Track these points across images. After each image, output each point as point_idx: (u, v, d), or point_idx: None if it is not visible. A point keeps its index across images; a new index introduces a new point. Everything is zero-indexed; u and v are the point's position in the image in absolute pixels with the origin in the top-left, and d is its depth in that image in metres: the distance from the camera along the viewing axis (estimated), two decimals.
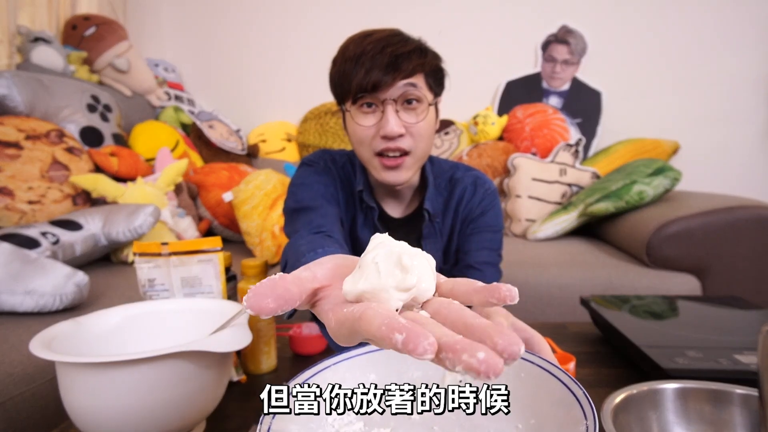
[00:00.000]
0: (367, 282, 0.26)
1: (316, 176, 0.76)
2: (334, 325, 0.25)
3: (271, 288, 0.24)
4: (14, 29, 1.62)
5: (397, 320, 0.21)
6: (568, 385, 0.34)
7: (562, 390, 0.34)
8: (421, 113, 0.68)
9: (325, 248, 0.52)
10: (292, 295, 0.25)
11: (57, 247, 1.08)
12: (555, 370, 0.36)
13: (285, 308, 0.25)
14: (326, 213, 0.69)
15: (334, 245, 0.55)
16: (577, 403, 0.32)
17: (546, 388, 0.36)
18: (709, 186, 1.89)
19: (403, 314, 0.24)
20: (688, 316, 0.77)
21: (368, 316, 0.22)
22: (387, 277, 0.25)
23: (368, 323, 0.21)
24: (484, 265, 0.76)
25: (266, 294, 0.24)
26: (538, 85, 2.14)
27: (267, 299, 0.24)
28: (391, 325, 0.20)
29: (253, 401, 0.59)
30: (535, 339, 0.42)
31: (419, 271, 0.26)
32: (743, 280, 1.29)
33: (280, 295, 0.24)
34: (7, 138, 1.25)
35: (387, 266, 0.26)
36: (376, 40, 0.65)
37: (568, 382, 0.34)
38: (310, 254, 0.51)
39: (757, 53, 1.98)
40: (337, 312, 0.25)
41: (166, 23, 2.40)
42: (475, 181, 0.80)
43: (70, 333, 0.51)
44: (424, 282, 0.26)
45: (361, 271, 0.26)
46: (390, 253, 0.27)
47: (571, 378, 0.34)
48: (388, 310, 0.23)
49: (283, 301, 0.24)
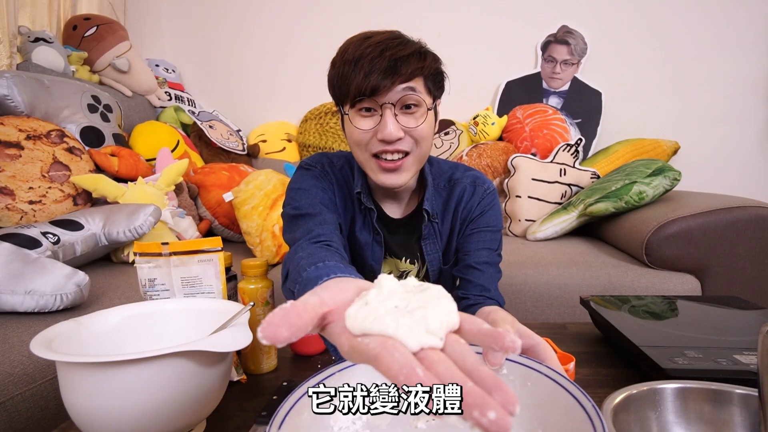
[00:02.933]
0: (381, 324, 0.26)
1: (313, 180, 0.76)
2: (348, 350, 0.26)
3: (283, 317, 0.26)
4: (15, 29, 1.63)
5: (414, 371, 0.22)
6: (576, 396, 0.33)
7: (569, 400, 0.33)
8: (419, 117, 0.68)
9: (325, 262, 0.52)
10: (304, 321, 0.27)
11: (57, 247, 1.08)
12: (563, 381, 0.35)
13: (298, 335, 0.26)
14: (325, 220, 0.69)
15: (335, 257, 0.55)
16: (586, 415, 0.31)
17: (553, 397, 0.35)
18: (709, 186, 1.89)
19: (420, 354, 0.25)
20: (688, 316, 0.77)
21: (386, 359, 0.23)
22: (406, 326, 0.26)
23: (386, 367, 0.23)
24: (483, 265, 0.76)
25: (280, 324, 0.25)
26: (538, 85, 2.14)
27: (281, 328, 0.25)
28: (409, 376, 0.22)
29: (253, 401, 0.59)
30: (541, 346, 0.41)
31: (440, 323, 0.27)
32: (743, 280, 1.29)
33: (292, 323, 0.26)
34: (7, 138, 1.25)
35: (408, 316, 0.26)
36: (375, 43, 0.64)
37: (576, 393, 0.34)
38: (311, 268, 0.51)
39: (757, 53, 1.99)
40: (351, 339, 0.27)
41: (166, 23, 2.40)
42: (474, 182, 0.80)
43: (70, 333, 0.51)
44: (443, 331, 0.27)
45: (370, 308, 0.27)
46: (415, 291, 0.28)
47: (579, 389, 0.34)
48: (405, 354, 0.24)
49: (296, 328, 0.26)
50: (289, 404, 0.34)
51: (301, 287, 0.50)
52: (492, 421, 0.20)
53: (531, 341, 0.41)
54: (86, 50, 1.83)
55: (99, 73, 1.89)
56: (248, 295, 0.67)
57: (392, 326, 0.25)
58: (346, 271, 0.48)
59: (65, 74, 1.69)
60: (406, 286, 0.30)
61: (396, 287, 0.29)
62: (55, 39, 1.70)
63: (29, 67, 1.60)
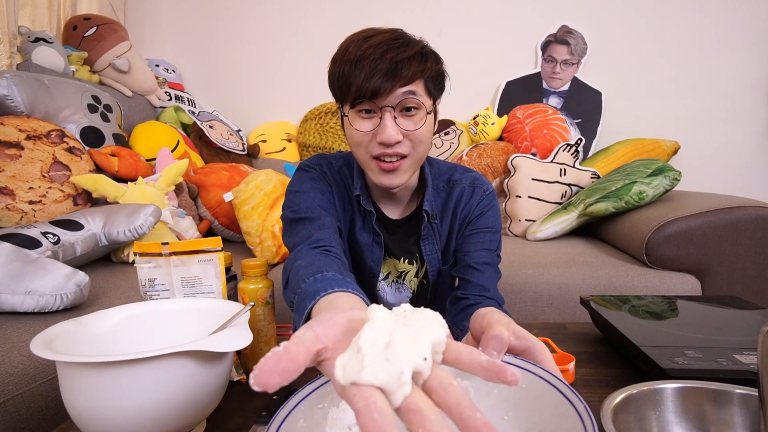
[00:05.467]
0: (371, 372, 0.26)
1: (312, 183, 0.76)
2: (339, 391, 0.26)
3: (275, 363, 0.25)
4: (15, 29, 1.63)
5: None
6: (569, 397, 0.33)
7: (562, 402, 0.34)
8: (419, 120, 0.68)
9: (323, 273, 0.53)
10: (297, 365, 0.26)
11: (58, 247, 1.08)
12: (556, 382, 0.36)
13: (291, 379, 0.26)
14: (324, 224, 0.69)
15: (334, 267, 0.56)
16: (578, 416, 0.32)
17: (547, 399, 0.35)
18: (709, 186, 1.89)
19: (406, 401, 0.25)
20: (688, 316, 0.77)
21: (365, 419, 0.23)
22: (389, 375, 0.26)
23: (363, 425, 0.23)
24: (483, 265, 0.76)
25: (272, 371, 0.25)
26: (538, 85, 2.14)
27: (273, 375, 0.25)
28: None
29: (253, 401, 0.59)
30: (537, 348, 0.41)
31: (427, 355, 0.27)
32: (743, 280, 1.29)
33: (284, 369, 0.25)
34: (7, 138, 1.25)
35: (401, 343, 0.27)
36: (376, 44, 0.64)
37: (568, 394, 0.34)
38: (310, 280, 0.53)
39: (757, 53, 1.99)
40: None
41: (166, 23, 2.40)
42: (473, 183, 0.80)
43: (70, 333, 0.51)
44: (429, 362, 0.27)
45: (361, 356, 0.26)
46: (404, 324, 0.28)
47: (572, 390, 0.34)
48: (386, 412, 0.24)
49: (288, 374, 0.25)
50: (286, 411, 0.34)
51: (300, 299, 0.52)
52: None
53: (527, 343, 0.41)
54: (86, 50, 1.83)
55: (99, 73, 1.89)
56: (248, 295, 0.67)
57: (379, 377, 0.25)
58: (343, 284, 0.50)
59: (65, 74, 1.69)
60: (397, 317, 0.30)
61: (387, 320, 0.29)
62: (55, 39, 1.70)
63: (29, 67, 1.60)
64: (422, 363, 0.26)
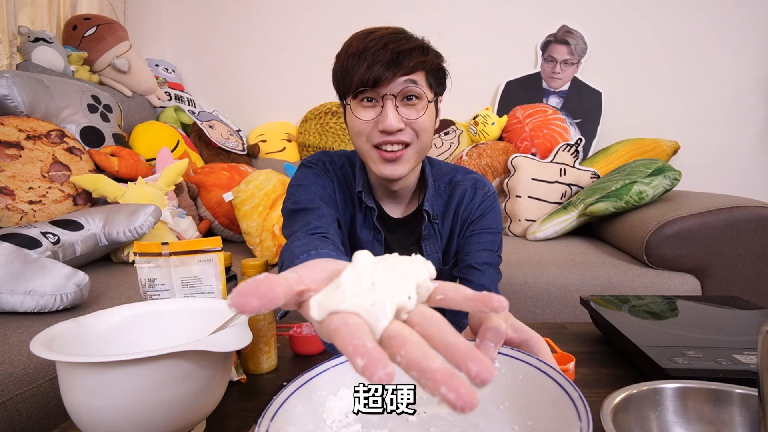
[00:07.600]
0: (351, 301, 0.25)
1: (314, 177, 0.76)
2: (317, 328, 0.26)
3: (255, 287, 0.25)
4: (14, 29, 1.63)
5: (363, 344, 0.22)
6: (563, 385, 0.34)
7: (557, 391, 0.34)
8: (420, 109, 0.68)
9: (318, 250, 0.52)
10: (275, 294, 0.25)
11: (57, 247, 1.08)
12: (551, 371, 0.36)
13: (269, 307, 0.25)
14: (323, 214, 0.69)
15: (329, 246, 0.56)
16: (572, 403, 0.32)
17: (543, 389, 0.35)
18: (709, 186, 1.89)
19: (386, 330, 0.24)
20: (688, 316, 0.77)
21: (341, 333, 0.23)
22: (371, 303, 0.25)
23: (340, 341, 0.23)
24: (484, 266, 0.76)
25: (250, 293, 0.24)
26: (538, 85, 2.14)
27: (251, 297, 0.24)
28: (357, 348, 0.21)
29: (253, 401, 0.59)
30: (534, 340, 0.41)
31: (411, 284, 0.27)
32: (743, 280, 1.29)
33: (263, 294, 0.25)
34: (7, 138, 1.25)
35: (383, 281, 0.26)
36: (378, 37, 0.66)
37: (563, 382, 0.34)
38: (304, 256, 0.52)
39: (757, 53, 1.99)
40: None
41: (166, 23, 2.40)
42: (474, 184, 0.80)
43: (70, 333, 0.51)
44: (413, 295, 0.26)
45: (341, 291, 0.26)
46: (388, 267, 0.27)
47: (566, 379, 0.34)
48: (363, 329, 0.23)
49: (266, 300, 0.25)
50: (284, 396, 0.34)
51: (288, 266, 0.51)
52: (458, 396, 0.19)
53: (524, 335, 0.41)
54: (86, 50, 1.83)
55: (99, 73, 1.89)
56: None
57: (360, 304, 0.25)
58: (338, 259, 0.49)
59: (65, 74, 1.69)
60: (385, 261, 0.29)
61: (371, 263, 0.28)
62: (55, 39, 1.70)
63: (29, 67, 1.60)
64: (406, 301, 0.26)
